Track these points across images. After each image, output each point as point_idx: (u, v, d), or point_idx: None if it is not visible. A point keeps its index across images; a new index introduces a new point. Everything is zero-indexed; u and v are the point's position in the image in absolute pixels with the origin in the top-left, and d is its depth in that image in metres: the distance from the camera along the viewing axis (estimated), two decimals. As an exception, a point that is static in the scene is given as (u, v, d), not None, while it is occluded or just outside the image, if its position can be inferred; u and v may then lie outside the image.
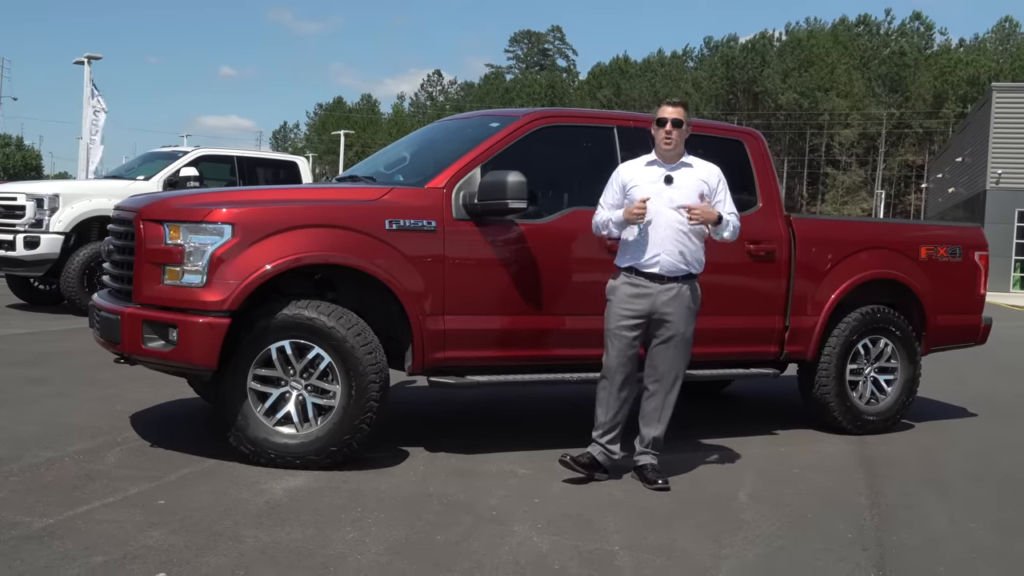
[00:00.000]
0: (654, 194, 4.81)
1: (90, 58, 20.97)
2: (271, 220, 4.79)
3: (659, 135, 4.90)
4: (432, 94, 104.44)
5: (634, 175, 4.94)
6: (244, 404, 4.74)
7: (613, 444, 4.91)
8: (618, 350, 4.86)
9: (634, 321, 4.85)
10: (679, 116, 4.88)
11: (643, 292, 4.84)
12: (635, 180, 4.91)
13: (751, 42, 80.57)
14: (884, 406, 6.53)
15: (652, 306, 4.84)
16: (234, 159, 13.32)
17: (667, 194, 4.84)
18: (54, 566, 3.37)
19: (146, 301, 4.74)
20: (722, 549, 4.00)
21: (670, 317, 4.84)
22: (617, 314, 4.88)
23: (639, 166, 4.98)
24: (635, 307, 4.84)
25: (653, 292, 4.83)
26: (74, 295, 10.99)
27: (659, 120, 4.89)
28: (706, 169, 4.97)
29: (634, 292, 4.85)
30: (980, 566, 4.02)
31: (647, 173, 4.92)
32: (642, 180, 4.89)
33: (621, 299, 4.88)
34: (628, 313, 4.85)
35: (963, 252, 6.91)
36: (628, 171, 4.99)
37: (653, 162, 4.95)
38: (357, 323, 4.81)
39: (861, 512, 4.67)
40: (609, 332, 4.90)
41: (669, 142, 4.87)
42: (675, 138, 4.87)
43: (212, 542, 3.70)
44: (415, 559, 3.67)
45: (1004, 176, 34.54)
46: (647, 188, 4.84)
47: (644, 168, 4.95)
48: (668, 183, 4.87)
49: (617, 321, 4.87)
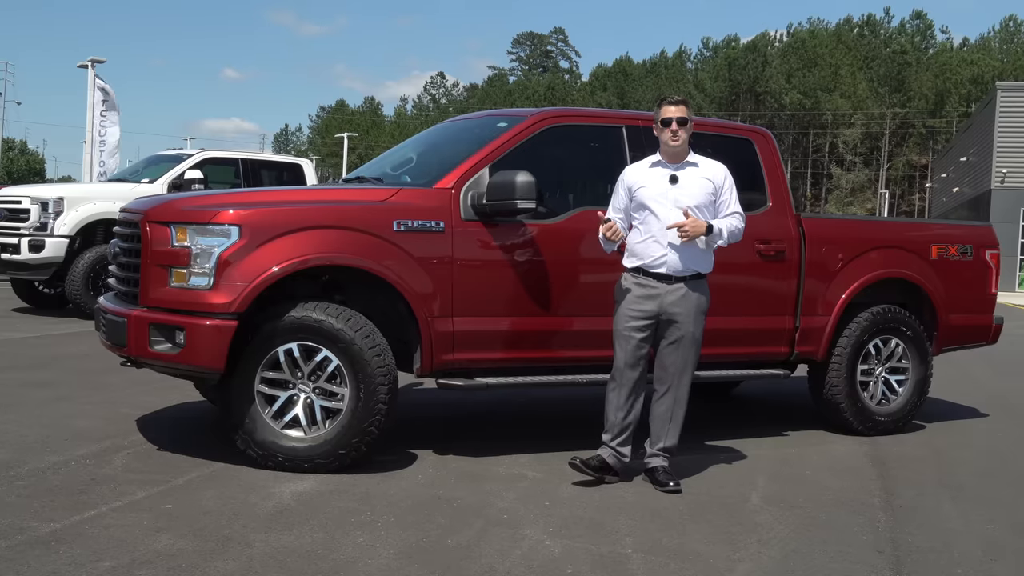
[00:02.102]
0: (659, 197, 4.77)
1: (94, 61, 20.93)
2: (278, 222, 4.75)
3: (665, 135, 4.84)
4: (435, 96, 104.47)
5: (639, 177, 4.89)
6: (251, 407, 4.71)
7: (624, 446, 4.87)
8: (627, 351, 4.81)
9: (642, 322, 4.81)
10: (683, 114, 4.82)
11: (651, 293, 4.80)
12: (641, 182, 4.86)
13: (753, 42, 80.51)
14: (895, 407, 6.48)
15: (660, 307, 4.79)
16: (239, 161, 13.30)
17: (673, 194, 4.79)
18: (61, 572, 3.33)
19: (153, 304, 4.71)
20: (736, 552, 3.96)
21: (678, 317, 4.80)
22: (625, 315, 4.84)
23: (644, 168, 4.93)
24: (643, 308, 4.80)
25: (661, 292, 4.79)
26: (79, 298, 10.97)
27: (664, 120, 4.83)
28: (712, 168, 4.92)
29: (642, 293, 4.81)
30: (997, 568, 3.97)
31: (652, 175, 4.87)
32: (648, 182, 4.84)
33: (629, 300, 4.84)
34: (636, 314, 4.81)
35: (974, 251, 6.86)
36: (633, 174, 4.93)
37: (658, 163, 4.90)
38: (365, 325, 4.77)
39: (875, 514, 4.62)
40: (617, 333, 4.86)
41: (677, 140, 4.81)
42: (682, 136, 4.82)
43: (221, 547, 3.66)
44: (426, 563, 3.63)
45: (1009, 175, 34.44)
46: (652, 190, 4.80)
47: (649, 170, 4.90)
48: (673, 183, 4.82)
49: (625, 322, 4.83)
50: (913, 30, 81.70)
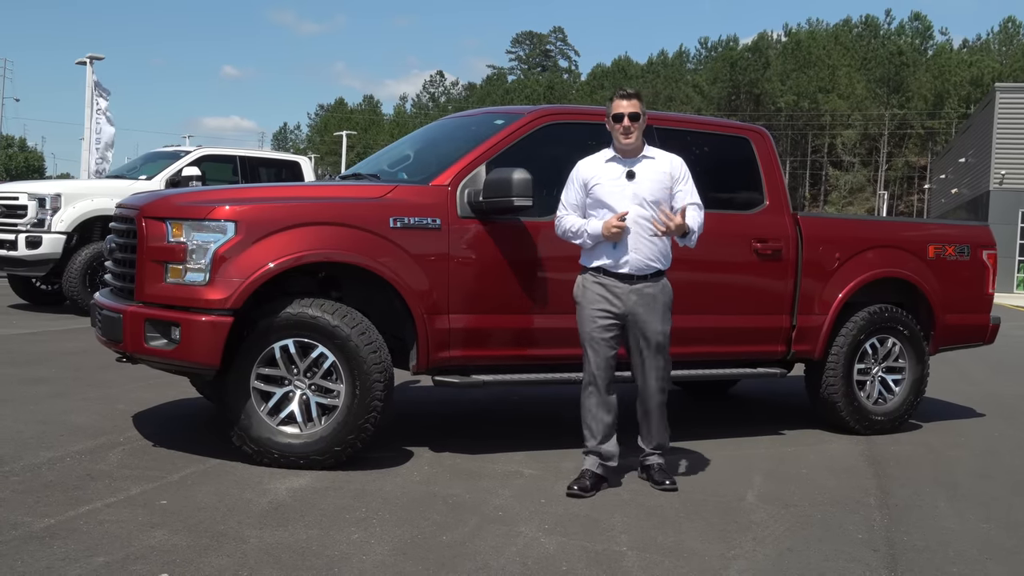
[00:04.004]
0: (617, 192, 4.66)
1: (92, 58, 20.91)
2: (274, 218, 4.75)
3: (616, 130, 4.72)
4: (434, 95, 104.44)
5: (595, 172, 4.76)
6: (247, 403, 4.70)
7: (608, 450, 4.78)
8: (598, 355, 4.70)
9: (609, 322, 4.69)
10: (636, 109, 4.70)
11: (614, 293, 4.68)
12: (596, 178, 4.73)
13: (753, 43, 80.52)
14: (892, 406, 6.48)
15: (625, 307, 4.68)
16: (236, 159, 13.30)
17: (631, 190, 4.68)
18: (55, 567, 3.32)
19: (148, 299, 4.70)
20: (731, 550, 3.96)
21: (646, 317, 4.70)
22: (591, 319, 4.71)
23: (599, 162, 4.80)
24: (608, 309, 4.68)
25: (624, 292, 4.68)
26: (76, 295, 10.96)
27: (615, 116, 4.72)
28: (668, 160, 4.80)
29: (604, 294, 4.69)
30: (992, 567, 3.97)
31: (608, 170, 4.75)
32: (604, 178, 4.72)
33: (592, 302, 4.71)
34: (602, 316, 4.69)
35: (971, 251, 6.86)
36: (588, 168, 4.80)
37: (613, 158, 4.78)
38: (361, 322, 4.77)
39: (871, 513, 4.62)
40: (585, 337, 4.74)
41: (629, 137, 4.70)
42: (634, 132, 4.71)
43: (215, 543, 3.65)
44: (420, 560, 3.62)
45: (1008, 177, 34.47)
46: (609, 186, 4.69)
47: (604, 165, 4.77)
48: (630, 179, 4.70)
49: (592, 326, 4.70)
50: (912, 31, 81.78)
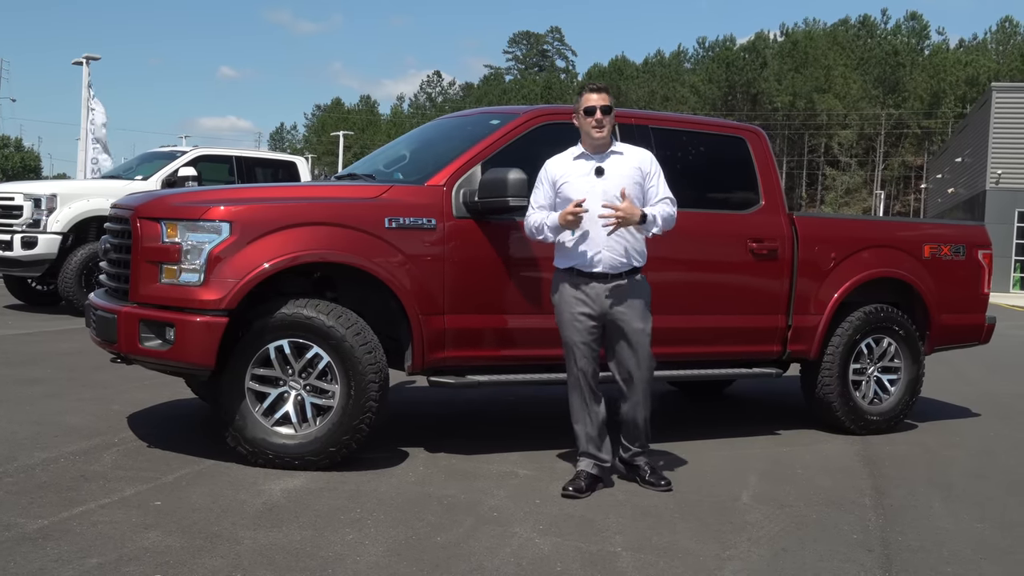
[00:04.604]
0: (586, 190, 4.60)
1: (89, 59, 20.90)
2: (269, 218, 4.74)
3: (587, 124, 4.66)
4: (431, 95, 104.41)
5: (564, 171, 4.72)
6: (242, 404, 4.69)
7: (602, 450, 4.77)
8: (579, 357, 4.67)
9: (588, 323, 4.65)
10: (606, 102, 4.67)
11: (589, 293, 4.64)
12: (565, 176, 4.69)
13: (750, 43, 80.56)
14: (887, 406, 6.48)
15: (602, 308, 4.63)
16: (232, 159, 13.29)
17: (600, 187, 4.62)
18: (48, 568, 3.32)
19: (143, 300, 4.69)
20: (725, 550, 3.95)
21: (624, 316, 4.65)
22: (569, 321, 4.67)
23: (567, 160, 4.75)
24: (585, 311, 4.64)
25: (600, 292, 4.63)
26: (72, 295, 10.94)
27: (587, 109, 4.66)
28: (638, 155, 4.76)
29: (580, 296, 4.65)
30: (987, 566, 3.97)
31: (577, 167, 4.70)
32: (573, 175, 4.68)
33: (569, 304, 4.67)
34: (580, 318, 4.65)
35: (967, 250, 6.86)
36: (556, 167, 4.75)
37: (581, 155, 4.73)
38: (356, 322, 4.76)
39: (866, 513, 4.62)
40: (565, 340, 4.70)
41: (601, 130, 4.64)
42: (607, 125, 4.67)
43: (209, 544, 3.65)
44: (415, 561, 3.62)
45: (1004, 176, 34.52)
46: (578, 184, 4.64)
47: (573, 162, 4.73)
48: (600, 175, 4.65)
49: (571, 326, 4.67)
50: (909, 31, 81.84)
